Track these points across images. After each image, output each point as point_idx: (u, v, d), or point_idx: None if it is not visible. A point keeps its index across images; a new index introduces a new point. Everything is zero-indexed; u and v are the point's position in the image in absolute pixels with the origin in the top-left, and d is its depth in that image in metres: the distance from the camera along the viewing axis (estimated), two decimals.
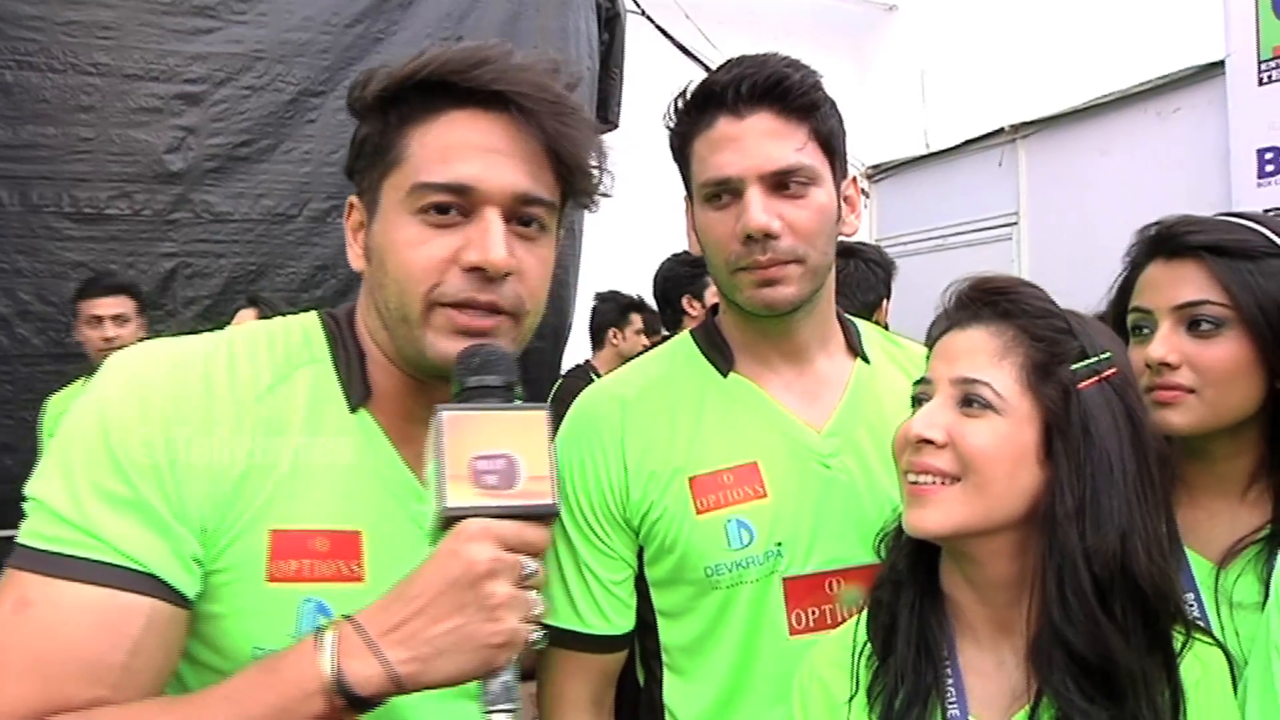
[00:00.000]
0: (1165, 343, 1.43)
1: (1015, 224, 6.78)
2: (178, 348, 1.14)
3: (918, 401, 1.29)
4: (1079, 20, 6.34)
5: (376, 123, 1.18)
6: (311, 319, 1.26)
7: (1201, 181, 5.21)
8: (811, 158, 1.46)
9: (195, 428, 1.07)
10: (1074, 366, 1.25)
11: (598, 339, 4.98)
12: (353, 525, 1.13)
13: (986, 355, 1.25)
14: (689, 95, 1.52)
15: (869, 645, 1.32)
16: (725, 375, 1.57)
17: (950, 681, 1.26)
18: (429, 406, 1.12)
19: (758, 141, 1.44)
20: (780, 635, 1.48)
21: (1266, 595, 1.31)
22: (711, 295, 4.29)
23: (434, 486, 1.00)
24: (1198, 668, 1.23)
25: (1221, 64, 5.13)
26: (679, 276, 4.27)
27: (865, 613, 1.35)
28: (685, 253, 4.34)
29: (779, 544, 1.47)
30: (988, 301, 1.30)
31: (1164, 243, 1.47)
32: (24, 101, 3.91)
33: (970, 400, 1.23)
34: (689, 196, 1.59)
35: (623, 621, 1.53)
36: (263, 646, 1.06)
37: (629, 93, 5.38)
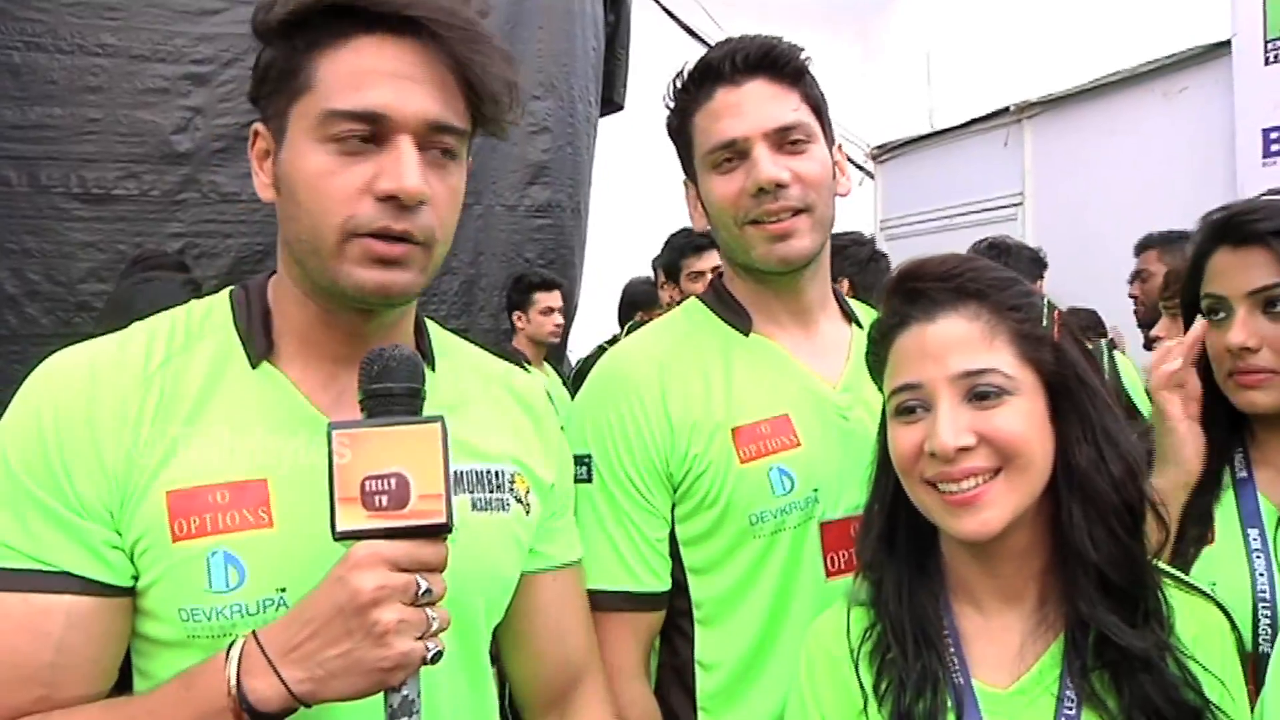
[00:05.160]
0: (1244, 328, 1.49)
1: (1020, 204, 6.79)
2: (71, 354, 1.18)
3: (908, 410, 1.26)
4: (1085, 0, 6.32)
5: (282, 47, 1.15)
6: (222, 294, 1.28)
7: (1207, 161, 5.22)
8: (806, 117, 1.58)
9: (81, 424, 1.11)
10: (1044, 323, 1.26)
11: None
12: (257, 474, 1.14)
13: (976, 341, 1.23)
14: (686, 73, 1.62)
15: (872, 631, 1.32)
16: (746, 335, 1.64)
17: (952, 651, 1.27)
18: (345, 342, 1.21)
19: (758, 104, 1.55)
20: (818, 577, 1.55)
21: None
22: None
23: (328, 506, 1.01)
24: (1194, 624, 1.25)
25: (1228, 44, 5.12)
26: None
27: (861, 593, 1.36)
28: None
29: (815, 490, 1.55)
30: (947, 287, 1.27)
31: (1230, 230, 1.52)
32: (31, 82, 3.89)
33: (984, 392, 1.21)
34: (690, 175, 1.68)
35: (668, 578, 1.60)
36: (184, 606, 1.10)
37: (635, 75, 5.38)
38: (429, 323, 1.36)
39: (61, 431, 1.10)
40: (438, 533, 1.02)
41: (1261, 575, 1.46)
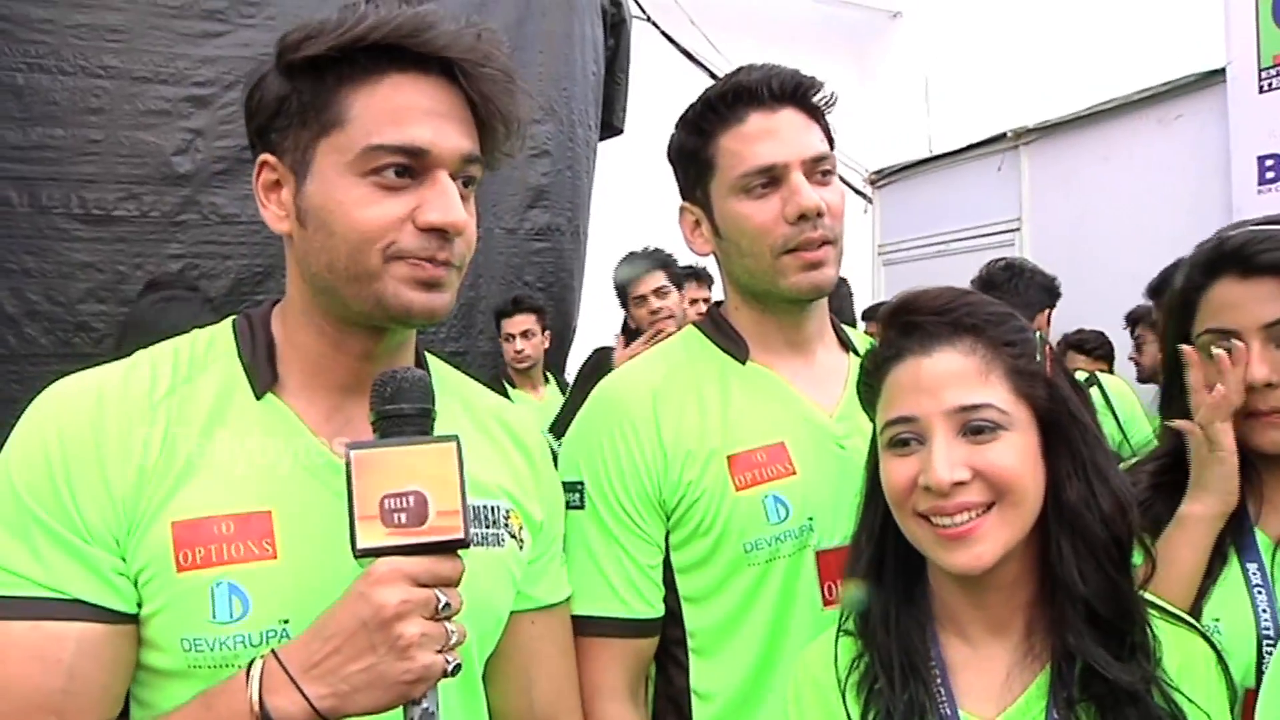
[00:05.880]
0: (1265, 362, 1.43)
1: (1018, 229, 6.81)
2: (75, 381, 1.19)
3: (902, 443, 1.26)
4: (1082, 27, 6.37)
5: (308, 82, 1.17)
6: (224, 324, 1.29)
7: (1202, 188, 5.24)
8: (830, 150, 1.60)
9: (88, 450, 1.11)
10: (1038, 358, 1.27)
11: None
12: (262, 506, 1.15)
13: (972, 376, 1.23)
14: (714, 94, 1.60)
15: (860, 660, 1.32)
16: (743, 363, 1.63)
17: (939, 681, 1.27)
18: (352, 368, 1.24)
19: (794, 132, 1.56)
20: (815, 607, 1.54)
21: None
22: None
23: (347, 525, 1.03)
24: (1179, 655, 1.25)
25: (1222, 71, 5.16)
26: None
27: (849, 623, 1.36)
28: None
29: (810, 519, 1.54)
30: (943, 320, 1.27)
31: (1238, 260, 1.46)
32: (33, 103, 3.91)
33: (979, 427, 1.22)
34: (696, 200, 1.66)
35: (660, 605, 1.58)
36: (188, 635, 1.11)
37: (634, 98, 5.40)
38: (427, 354, 1.37)
39: (68, 458, 1.11)
40: (455, 548, 1.05)
41: (1264, 611, 1.43)
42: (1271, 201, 4.80)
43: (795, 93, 1.58)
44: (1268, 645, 1.39)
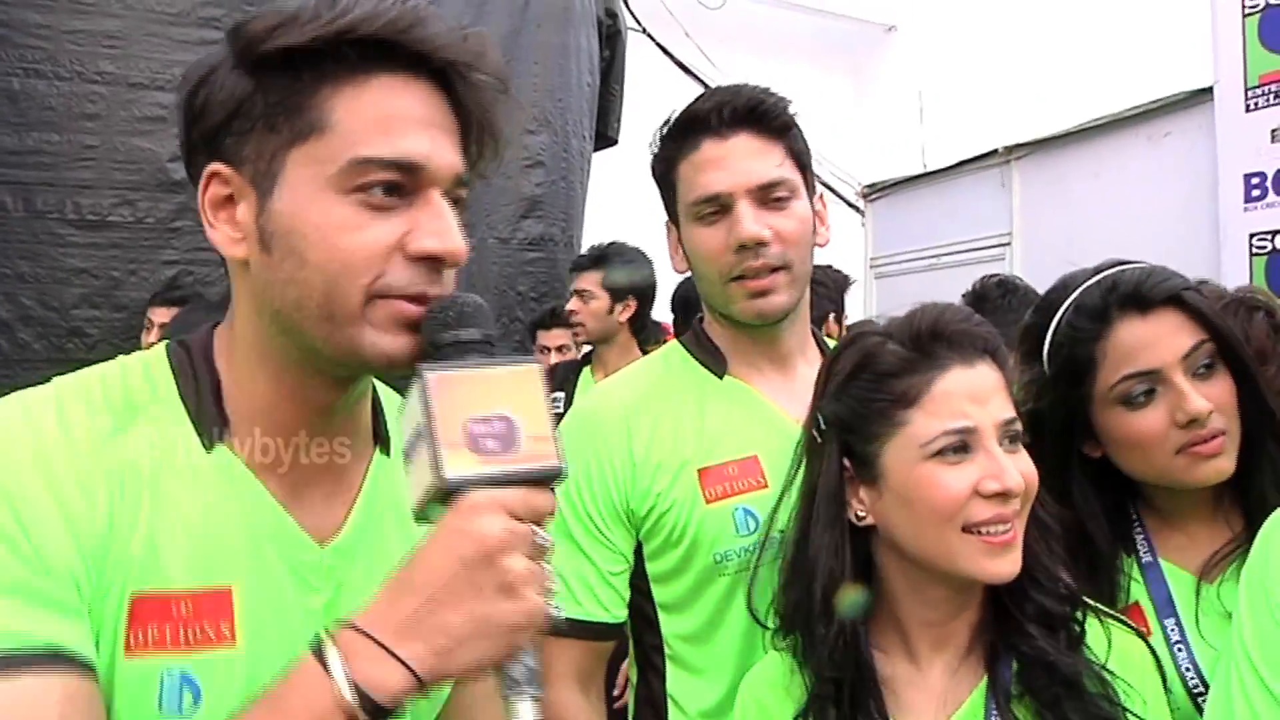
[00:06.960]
0: (1199, 394, 1.39)
1: (1008, 244, 6.84)
2: (6, 429, 0.96)
3: (962, 449, 1.25)
4: (1073, 45, 6.43)
5: (278, 79, 0.98)
6: (157, 352, 1.10)
7: (1190, 204, 5.28)
8: (790, 173, 1.58)
9: (38, 488, 0.92)
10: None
11: None
12: (222, 581, 0.99)
13: (1004, 392, 1.30)
14: (672, 123, 1.62)
15: (803, 680, 1.34)
16: (721, 378, 1.66)
17: (882, 698, 1.30)
18: (308, 422, 1.06)
19: (742, 159, 1.55)
20: None
21: None
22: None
23: (422, 457, 0.90)
24: (1115, 650, 1.28)
25: (1210, 90, 5.19)
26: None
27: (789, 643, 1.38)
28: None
29: (781, 531, 1.53)
30: (975, 336, 1.31)
31: (1134, 301, 1.44)
32: (29, 109, 3.92)
33: (1015, 437, 1.28)
34: (672, 220, 1.70)
35: (618, 612, 1.61)
36: None
37: (629, 109, 5.44)
38: (382, 400, 1.22)
39: (13, 500, 0.91)
40: (550, 478, 0.92)
41: (1188, 669, 1.41)
42: (1257, 218, 4.84)
43: (750, 117, 1.55)
44: (1202, 700, 1.36)
